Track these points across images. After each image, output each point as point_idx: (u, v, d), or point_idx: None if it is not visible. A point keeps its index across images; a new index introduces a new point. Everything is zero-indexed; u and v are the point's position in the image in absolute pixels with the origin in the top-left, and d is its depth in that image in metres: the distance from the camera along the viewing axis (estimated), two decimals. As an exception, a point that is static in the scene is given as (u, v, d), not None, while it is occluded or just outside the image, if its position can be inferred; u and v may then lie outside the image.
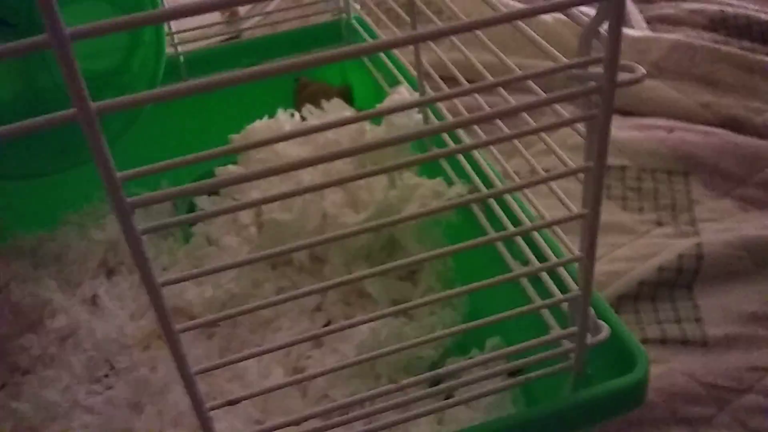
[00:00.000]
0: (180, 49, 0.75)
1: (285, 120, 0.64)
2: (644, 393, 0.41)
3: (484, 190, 0.54)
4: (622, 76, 0.29)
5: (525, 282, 0.49)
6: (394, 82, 0.67)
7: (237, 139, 0.64)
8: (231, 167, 0.63)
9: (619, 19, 0.28)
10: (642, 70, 0.31)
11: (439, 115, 0.62)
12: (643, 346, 0.41)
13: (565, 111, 0.39)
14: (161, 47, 0.58)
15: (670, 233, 0.77)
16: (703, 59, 0.98)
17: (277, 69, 0.26)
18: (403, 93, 0.62)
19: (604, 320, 0.41)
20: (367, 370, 0.56)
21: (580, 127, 0.35)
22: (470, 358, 0.55)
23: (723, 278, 0.72)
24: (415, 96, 0.61)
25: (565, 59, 0.34)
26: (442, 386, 0.41)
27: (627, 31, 1.03)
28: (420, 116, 0.60)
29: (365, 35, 0.77)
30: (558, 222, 0.35)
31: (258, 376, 0.54)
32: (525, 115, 0.47)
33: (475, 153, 0.57)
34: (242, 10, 1.22)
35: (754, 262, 0.73)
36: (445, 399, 0.46)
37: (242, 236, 0.59)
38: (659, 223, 0.78)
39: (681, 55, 0.98)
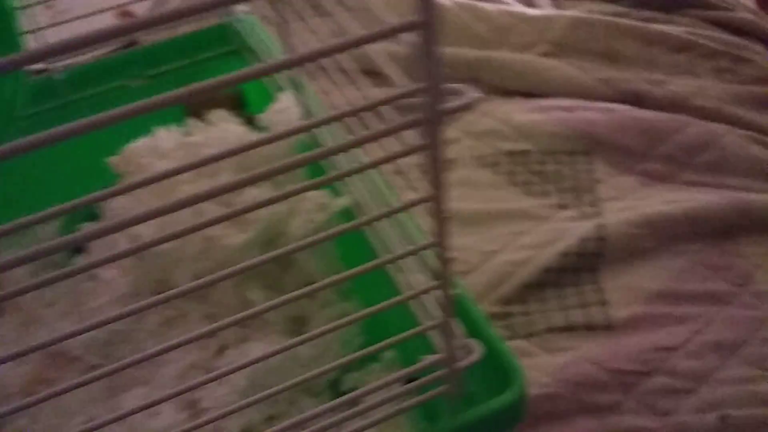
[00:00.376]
0: (67, 61, 0.71)
1: (165, 138, 0.62)
2: (522, 410, 0.40)
3: (366, 199, 0.53)
4: (451, 103, 0.28)
5: (414, 302, 0.47)
6: (282, 86, 0.65)
7: (116, 162, 0.61)
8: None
9: (432, 45, 0.26)
10: (474, 93, 0.29)
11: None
12: (518, 361, 0.40)
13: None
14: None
15: (573, 216, 0.77)
16: (603, 34, 0.97)
17: (154, 105, 0.25)
18: (287, 100, 0.60)
19: (480, 337, 0.41)
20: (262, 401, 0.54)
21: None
22: (368, 373, 0.54)
23: (627, 258, 0.73)
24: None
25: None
26: (339, 416, 0.40)
27: (526, 10, 1.03)
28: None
29: (256, 36, 0.75)
30: (413, 252, 0.33)
31: (145, 415, 0.52)
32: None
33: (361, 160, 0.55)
34: (139, 13, 1.18)
35: (657, 239, 0.74)
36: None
37: (121, 268, 0.56)
38: (562, 207, 0.78)
39: (580, 31, 0.97)
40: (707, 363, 0.63)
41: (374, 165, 0.30)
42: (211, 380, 0.38)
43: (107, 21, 1.04)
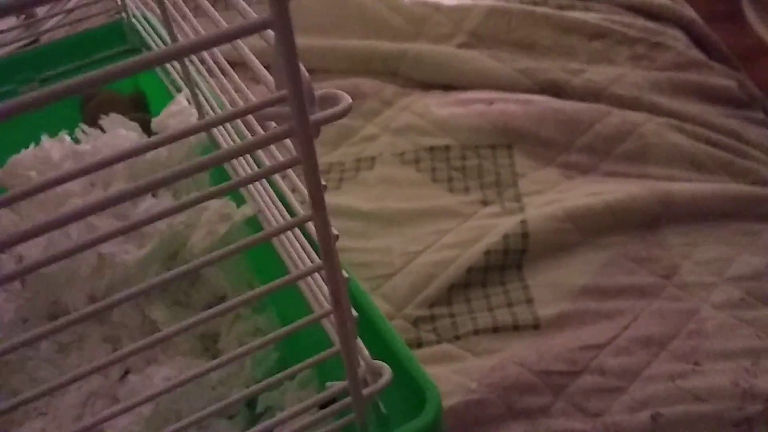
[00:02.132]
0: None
1: (52, 147, 0.57)
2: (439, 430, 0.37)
3: (272, 209, 0.49)
4: (323, 112, 0.25)
5: (326, 322, 0.44)
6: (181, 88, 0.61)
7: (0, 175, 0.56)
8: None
9: (289, 47, 0.23)
10: (348, 100, 0.26)
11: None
12: (431, 379, 0.37)
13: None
14: None
15: (496, 212, 0.74)
16: (519, 24, 0.96)
17: (40, 100, 0.21)
18: (182, 102, 0.56)
19: (391, 352, 0.37)
20: (173, 422, 0.50)
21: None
22: (283, 392, 0.51)
23: (552, 253, 0.71)
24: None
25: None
26: None
27: (442, 0, 1.00)
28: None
29: (148, 33, 0.70)
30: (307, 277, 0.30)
31: (43, 449, 0.47)
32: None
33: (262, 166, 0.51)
34: (41, 11, 1.11)
35: (580, 232, 0.72)
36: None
37: (8, 292, 0.52)
38: (485, 203, 0.76)
39: (497, 20, 0.95)
40: (636, 359, 0.62)
41: (249, 181, 0.27)
42: (114, 415, 0.34)
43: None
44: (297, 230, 0.43)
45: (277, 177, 0.43)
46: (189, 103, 0.58)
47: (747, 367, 0.62)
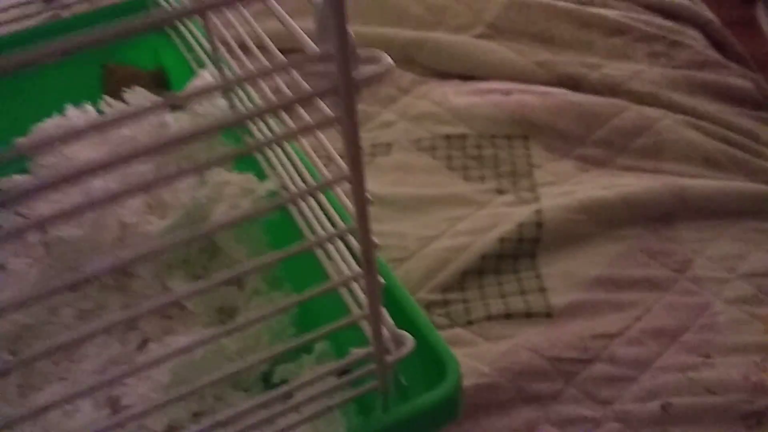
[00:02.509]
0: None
1: (77, 116, 0.57)
2: (458, 405, 0.38)
3: (296, 184, 0.50)
4: (366, 70, 0.25)
5: (343, 290, 0.44)
6: (204, 64, 0.61)
7: (23, 143, 0.56)
8: (18, 177, 0.55)
9: (340, 6, 0.23)
10: (388, 60, 0.26)
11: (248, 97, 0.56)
12: (452, 352, 0.38)
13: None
14: None
15: (511, 201, 0.75)
16: (539, 16, 0.96)
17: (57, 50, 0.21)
18: (207, 77, 0.56)
19: (415, 326, 0.38)
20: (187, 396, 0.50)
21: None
22: (300, 365, 0.51)
23: (565, 244, 0.71)
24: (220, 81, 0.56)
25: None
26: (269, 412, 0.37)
27: (462, -9, 1.00)
28: (225, 102, 0.54)
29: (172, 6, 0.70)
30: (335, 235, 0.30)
31: (62, 415, 0.48)
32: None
33: (286, 146, 0.52)
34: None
35: (595, 224, 0.72)
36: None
37: (30, 257, 0.52)
38: (500, 191, 0.76)
39: (516, 13, 0.96)
40: (647, 350, 0.62)
41: (286, 137, 0.27)
42: (132, 373, 0.35)
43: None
44: (320, 200, 0.44)
45: (306, 146, 0.44)
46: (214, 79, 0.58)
47: (757, 361, 0.62)
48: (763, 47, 1.63)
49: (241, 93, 0.57)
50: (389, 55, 0.83)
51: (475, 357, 0.60)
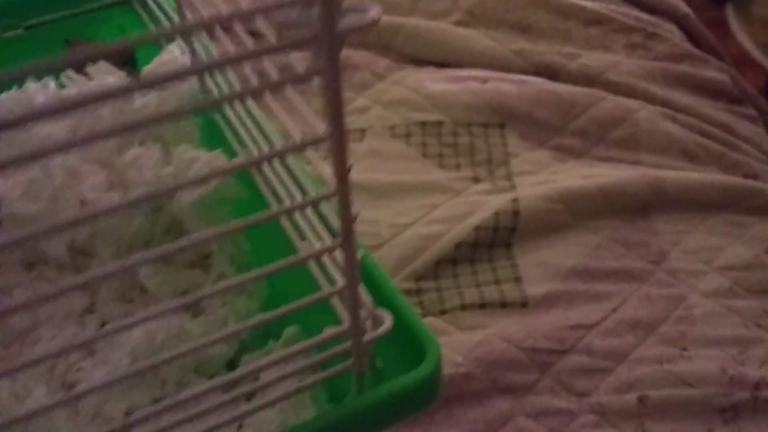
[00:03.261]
0: None
1: (36, 91, 0.54)
2: (437, 388, 0.36)
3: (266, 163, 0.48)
4: (351, 20, 0.23)
5: (315, 269, 0.42)
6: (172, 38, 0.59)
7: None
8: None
9: None
10: (377, 10, 0.24)
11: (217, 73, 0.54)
12: (431, 334, 0.36)
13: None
14: None
15: (486, 190, 0.73)
16: (517, 5, 0.94)
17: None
18: (174, 52, 0.54)
19: (392, 306, 0.36)
20: (149, 378, 0.48)
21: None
22: (268, 351, 0.49)
23: (541, 233, 0.70)
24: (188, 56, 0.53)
25: None
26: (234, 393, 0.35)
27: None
28: (195, 79, 0.52)
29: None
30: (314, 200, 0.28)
31: (13, 399, 0.45)
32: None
33: (257, 117, 0.50)
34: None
35: (571, 214, 0.71)
36: (245, 399, 0.41)
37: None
38: (476, 180, 0.75)
39: (494, 1, 0.94)
40: (624, 342, 0.61)
41: (262, 89, 0.25)
42: (85, 347, 0.33)
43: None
44: (293, 173, 0.42)
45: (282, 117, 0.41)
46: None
47: (734, 355, 0.61)
48: (733, 48, 1.63)
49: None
50: (364, 41, 0.81)
51: (449, 347, 0.58)
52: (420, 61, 0.89)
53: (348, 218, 0.28)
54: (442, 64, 0.88)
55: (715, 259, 0.69)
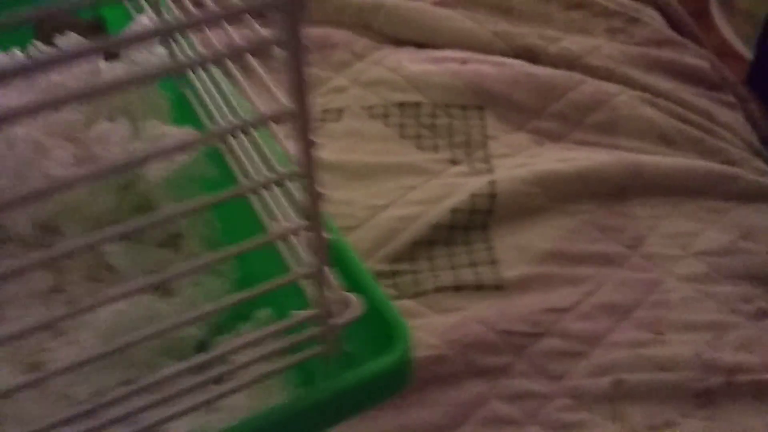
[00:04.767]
0: None
1: (3, 61, 0.53)
2: (408, 372, 0.35)
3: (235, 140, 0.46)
4: None
5: (285, 250, 0.41)
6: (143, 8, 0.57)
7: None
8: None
9: None
10: None
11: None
12: (402, 318, 0.35)
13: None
14: None
15: (464, 172, 0.72)
16: (497, -14, 0.93)
17: None
18: (144, 23, 0.52)
19: (360, 290, 0.35)
20: (118, 359, 0.47)
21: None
22: (239, 334, 0.48)
23: (518, 216, 0.69)
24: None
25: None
26: (208, 376, 0.34)
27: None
28: (164, 50, 0.51)
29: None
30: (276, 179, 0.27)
31: (-25, 379, 0.44)
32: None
33: (228, 94, 0.49)
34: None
35: (548, 197, 0.71)
36: (214, 383, 0.40)
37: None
38: (454, 162, 0.74)
39: (474, -17, 0.93)
40: (599, 325, 0.60)
41: (224, 55, 0.24)
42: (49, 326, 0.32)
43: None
44: (260, 148, 0.41)
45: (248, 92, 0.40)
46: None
47: (709, 340, 0.61)
48: (715, 39, 1.64)
49: (183, 42, 0.53)
50: (343, 20, 0.80)
51: (424, 329, 0.57)
52: (400, 41, 0.88)
53: (315, 198, 0.27)
54: (421, 45, 0.87)
55: (691, 244, 0.69)
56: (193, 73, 0.52)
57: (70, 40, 0.54)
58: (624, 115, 0.81)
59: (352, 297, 0.34)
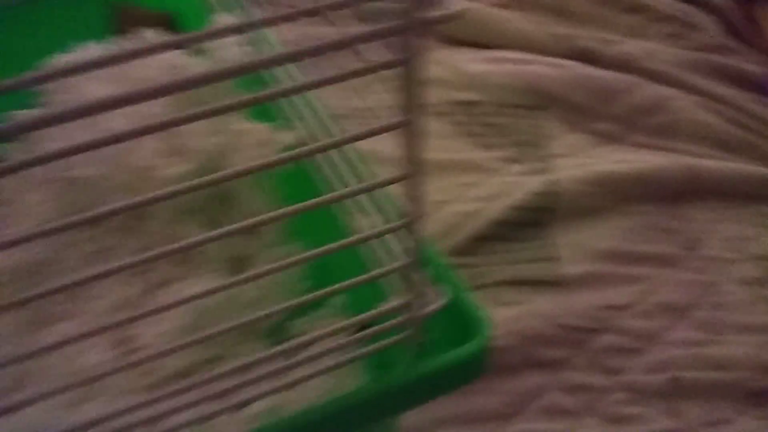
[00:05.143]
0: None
1: (89, 54, 0.56)
2: (483, 364, 0.37)
3: (315, 135, 0.49)
4: (436, 12, 0.24)
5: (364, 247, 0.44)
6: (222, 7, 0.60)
7: (33, 75, 0.55)
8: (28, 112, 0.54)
9: None
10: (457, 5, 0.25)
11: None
12: (486, 309, 0.37)
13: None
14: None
15: (523, 170, 0.74)
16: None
17: None
18: (226, 21, 0.55)
19: (444, 282, 0.37)
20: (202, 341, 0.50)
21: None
22: (317, 318, 0.51)
23: (578, 216, 0.71)
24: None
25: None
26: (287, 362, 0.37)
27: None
28: (249, 49, 0.53)
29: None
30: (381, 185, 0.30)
31: (72, 352, 0.47)
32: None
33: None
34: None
35: (608, 198, 0.72)
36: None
37: (46, 193, 0.51)
38: (513, 160, 0.76)
39: (533, -16, 0.95)
40: (657, 324, 0.62)
41: (343, 78, 0.26)
42: (141, 318, 0.34)
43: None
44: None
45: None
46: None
47: (765, 342, 0.62)
48: (763, 44, 1.62)
49: (270, 39, 0.56)
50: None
51: (486, 321, 0.59)
52: (460, 42, 0.90)
53: (420, 199, 0.29)
54: (479, 45, 0.89)
55: (747, 248, 0.70)
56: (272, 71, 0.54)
57: (148, 34, 0.57)
58: (682, 119, 0.82)
59: (441, 288, 0.36)
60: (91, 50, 0.57)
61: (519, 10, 0.92)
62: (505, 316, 0.60)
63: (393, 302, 0.36)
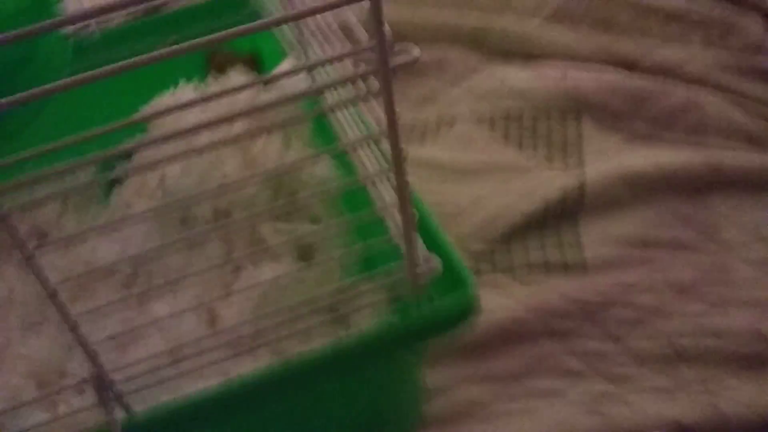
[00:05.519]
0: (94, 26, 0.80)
1: (188, 92, 0.71)
2: (472, 309, 0.49)
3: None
4: (401, 58, 0.36)
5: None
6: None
7: (145, 113, 0.70)
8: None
9: (378, 12, 0.35)
10: (417, 51, 0.37)
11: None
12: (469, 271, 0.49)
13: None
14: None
15: (558, 168, 0.84)
16: (599, 4, 1.03)
17: (173, 52, 0.34)
18: (292, 61, 0.69)
19: (439, 252, 0.50)
20: (272, 314, 0.63)
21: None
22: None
23: (605, 208, 0.80)
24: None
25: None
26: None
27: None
28: (308, 81, 0.67)
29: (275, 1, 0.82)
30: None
31: (173, 319, 0.62)
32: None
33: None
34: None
35: (633, 192, 0.81)
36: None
37: (151, 200, 0.66)
38: (550, 160, 0.86)
39: (577, 2, 1.04)
40: (664, 298, 0.71)
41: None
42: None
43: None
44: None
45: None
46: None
47: (766, 315, 0.70)
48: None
49: (322, 72, 0.69)
50: (458, 39, 0.93)
51: (510, 296, 0.71)
52: (508, 55, 1.00)
53: (404, 190, 0.41)
54: (527, 57, 0.99)
55: (760, 231, 0.77)
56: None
57: (237, 72, 0.72)
58: (712, 116, 0.89)
59: (434, 256, 0.49)
60: (189, 91, 0.72)
61: (563, 24, 1.02)
62: (527, 293, 0.71)
63: (396, 265, 0.49)
